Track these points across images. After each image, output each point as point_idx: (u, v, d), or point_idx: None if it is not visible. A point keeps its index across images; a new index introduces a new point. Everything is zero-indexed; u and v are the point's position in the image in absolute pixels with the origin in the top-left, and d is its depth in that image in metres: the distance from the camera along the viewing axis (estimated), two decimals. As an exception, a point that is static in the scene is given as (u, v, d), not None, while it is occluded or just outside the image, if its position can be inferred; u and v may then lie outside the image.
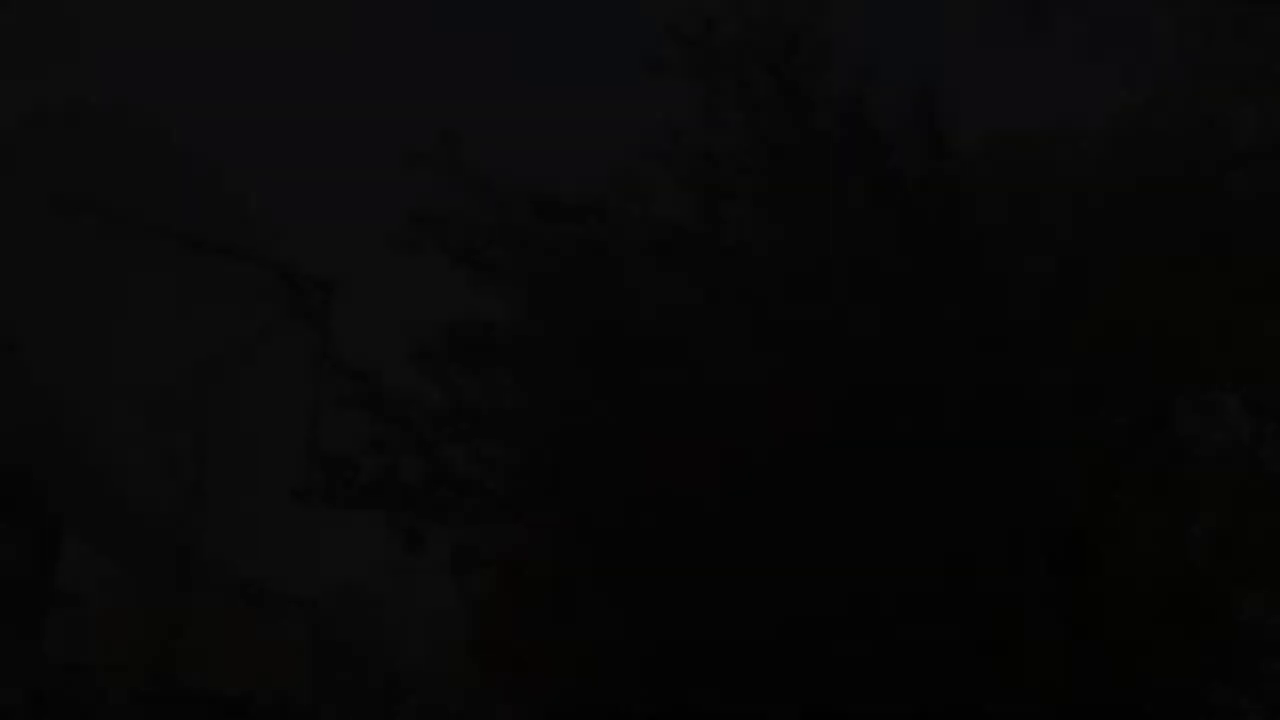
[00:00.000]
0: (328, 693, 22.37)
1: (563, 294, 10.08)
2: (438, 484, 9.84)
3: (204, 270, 30.93)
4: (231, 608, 17.83)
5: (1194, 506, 10.34)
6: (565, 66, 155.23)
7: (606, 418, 9.99)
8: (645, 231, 10.46)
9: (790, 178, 10.15)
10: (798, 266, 10.04)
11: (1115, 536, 11.22)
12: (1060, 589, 11.01)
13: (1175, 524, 12.17)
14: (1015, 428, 9.69)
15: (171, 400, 20.49)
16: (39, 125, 27.57)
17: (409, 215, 9.61)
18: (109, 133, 30.03)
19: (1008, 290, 10.09)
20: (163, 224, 29.01)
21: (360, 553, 32.26)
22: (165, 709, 16.31)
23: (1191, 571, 9.49)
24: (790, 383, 9.12)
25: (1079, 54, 10.20)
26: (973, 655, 10.02)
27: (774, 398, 8.84)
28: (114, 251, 28.90)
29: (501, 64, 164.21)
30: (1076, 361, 10.52)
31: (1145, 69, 10.17)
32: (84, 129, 29.07)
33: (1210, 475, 10.22)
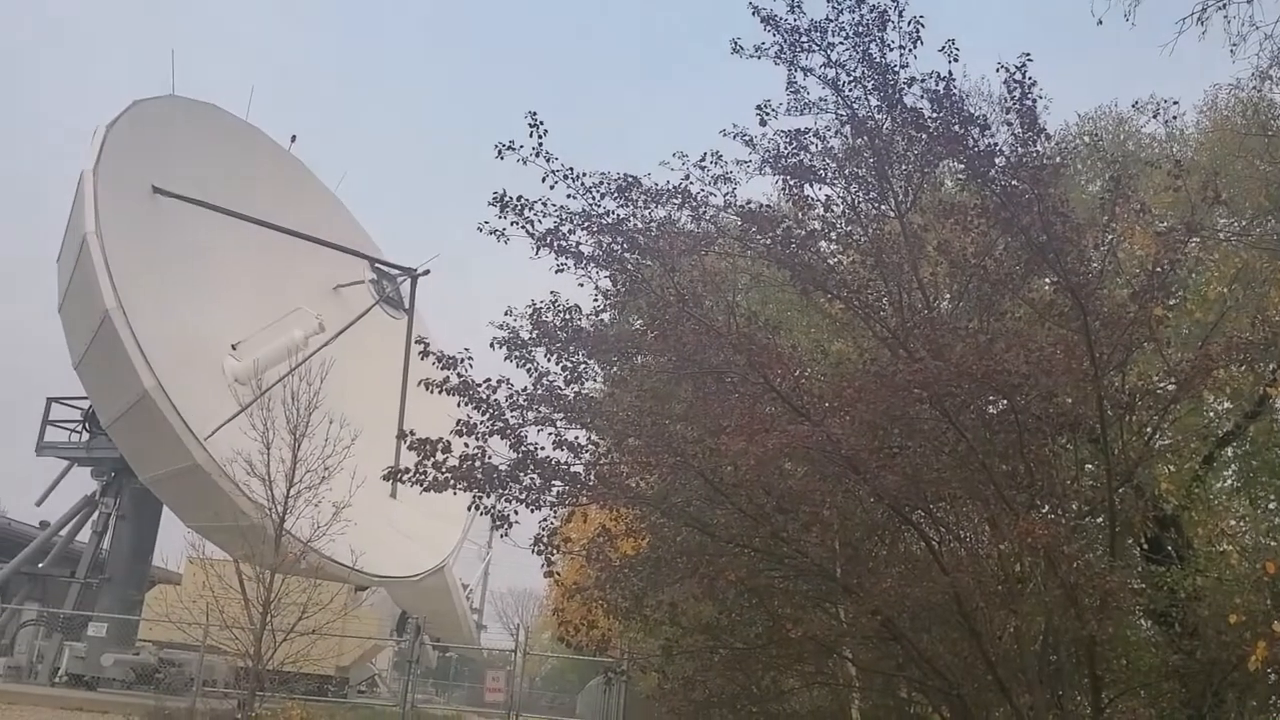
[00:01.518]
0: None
1: (646, 277, 10.08)
2: (525, 468, 9.92)
3: (295, 257, 31.50)
4: (321, 587, 18.10)
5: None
6: (650, 50, 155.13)
7: (690, 402, 9.99)
8: (730, 214, 10.44)
9: (880, 159, 10.03)
10: (888, 250, 9.90)
11: (1207, 524, 10.99)
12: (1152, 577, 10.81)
13: (1264, 512, 11.87)
14: (1110, 413, 9.47)
15: (261, 384, 20.89)
16: (142, 118, 28.31)
17: (494, 200, 9.66)
18: (206, 125, 30.67)
19: (1103, 275, 9.86)
20: (257, 213, 29.68)
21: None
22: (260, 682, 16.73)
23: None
24: (880, 364, 9.01)
25: (1177, 26, 9.90)
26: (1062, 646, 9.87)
27: (862, 381, 8.72)
28: (210, 238, 29.54)
29: (588, 48, 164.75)
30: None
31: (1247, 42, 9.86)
32: (183, 121, 29.75)
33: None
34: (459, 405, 10.42)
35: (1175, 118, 14.80)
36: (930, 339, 8.99)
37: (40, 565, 31.57)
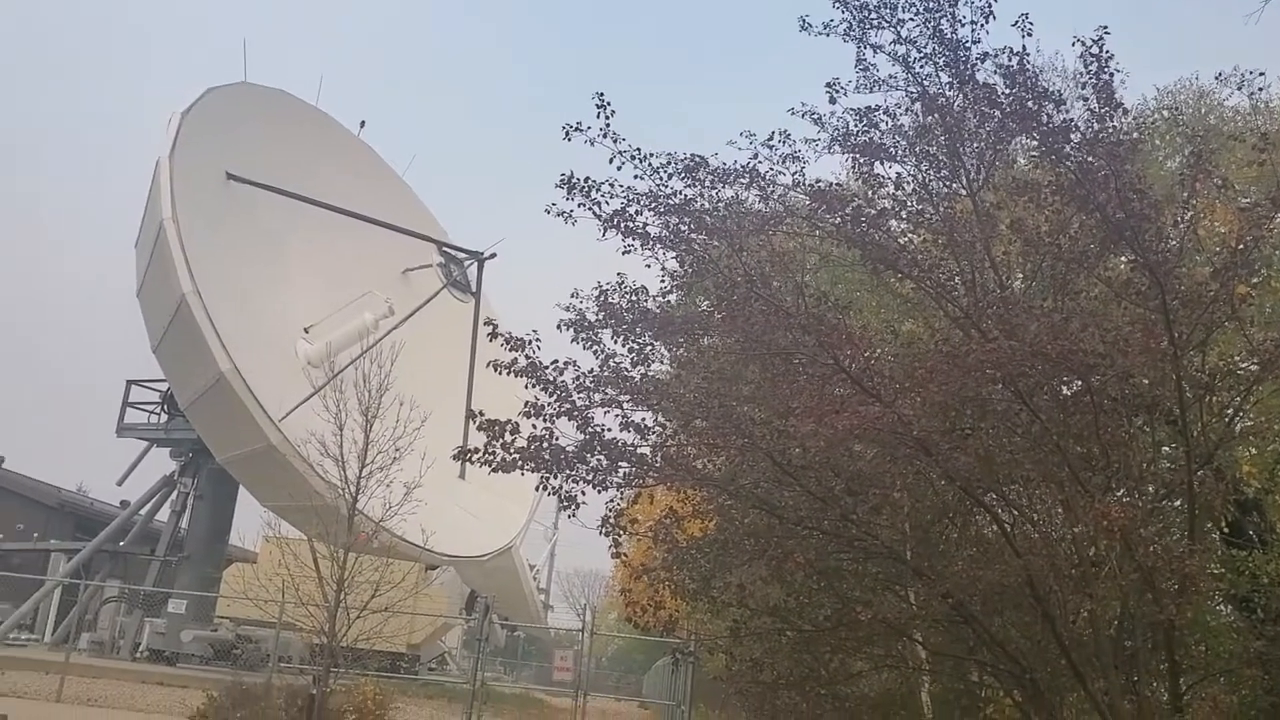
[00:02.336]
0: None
1: (714, 258, 10.04)
2: (591, 449, 9.95)
3: (365, 242, 31.90)
4: (392, 566, 18.36)
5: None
6: (714, 29, 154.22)
7: (758, 383, 9.96)
8: (799, 194, 10.36)
9: (951, 136, 9.88)
10: (960, 228, 9.75)
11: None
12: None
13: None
14: (1189, 394, 9.24)
15: (334, 367, 21.22)
16: (216, 105, 28.84)
17: (562, 182, 9.69)
18: (277, 111, 31.16)
19: (1182, 252, 9.62)
20: (327, 198, 30.11)
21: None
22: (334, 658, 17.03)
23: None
24: (952, 344, 8.89)
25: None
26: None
27: (933, 361, 8.61)
28: (281, 223, 30.04)
29: (651, 31, 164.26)
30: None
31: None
32: (255, 108, 30.25)
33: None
34: (526, 387, 10.48)
35: (1260, 90, 14.39)
36: (1003, 318, 8.85)
37: (121, 543, 32.51)
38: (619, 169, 9.82)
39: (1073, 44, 9.29)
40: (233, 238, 28.15)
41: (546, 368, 10.23)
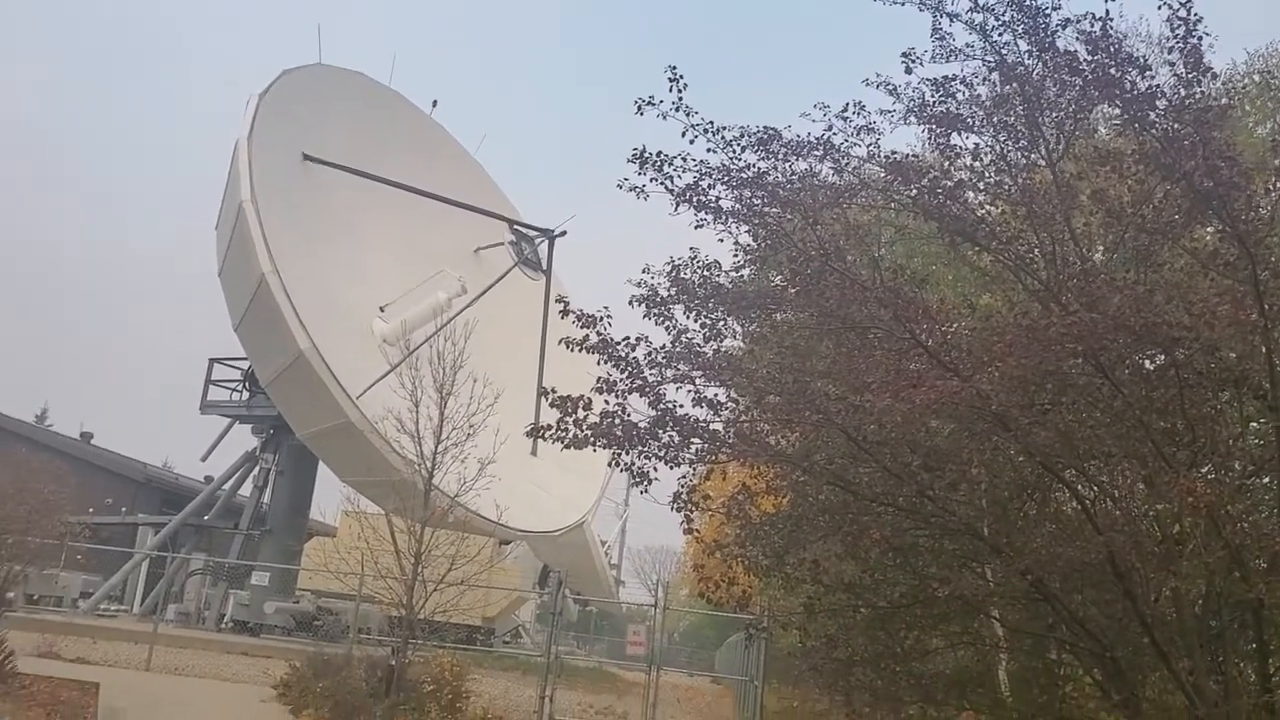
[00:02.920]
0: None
1: (788, 232, 9.95)
2: (664, 425, 9.95)
3: (437, 221, 32.22)
4: (467, 540, 18.61)
5: None
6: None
7: (832, 358, 9.86)
8: (874, 166, 10.22)
9: (1030, 106, 9.66)
10: (1039, 200, 9.55)
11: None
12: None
13: None
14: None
15: (409, 344, 21.51)
16: (292, 87, 29.30)
17: (634, 157, 9.67)
18: (351, 93, 31.57)
19: (1273, 221, 9.31)
20: (400, 178, 30.44)
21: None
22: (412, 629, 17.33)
23: None
24: (1031, 317, 8.72)
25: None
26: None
27: (1012, 335, 8.46)
28: (357, 203, 30.46)
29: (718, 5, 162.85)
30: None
31: None
32: (330, 90, 30.68)
33: None
34: (598, 363, 10.51)
35: (1355, 53, 13.86)
36: (1084, 291, 8.65)
37: (205, 517, 33.41)
38: (691, 143, 9.77)
39: (1159, 7, 9.01)
40: (309, 218, 28.65)
41: (618, 344, 10.23)
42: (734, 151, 9.85)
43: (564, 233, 32.49)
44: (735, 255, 10.89)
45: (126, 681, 17.40)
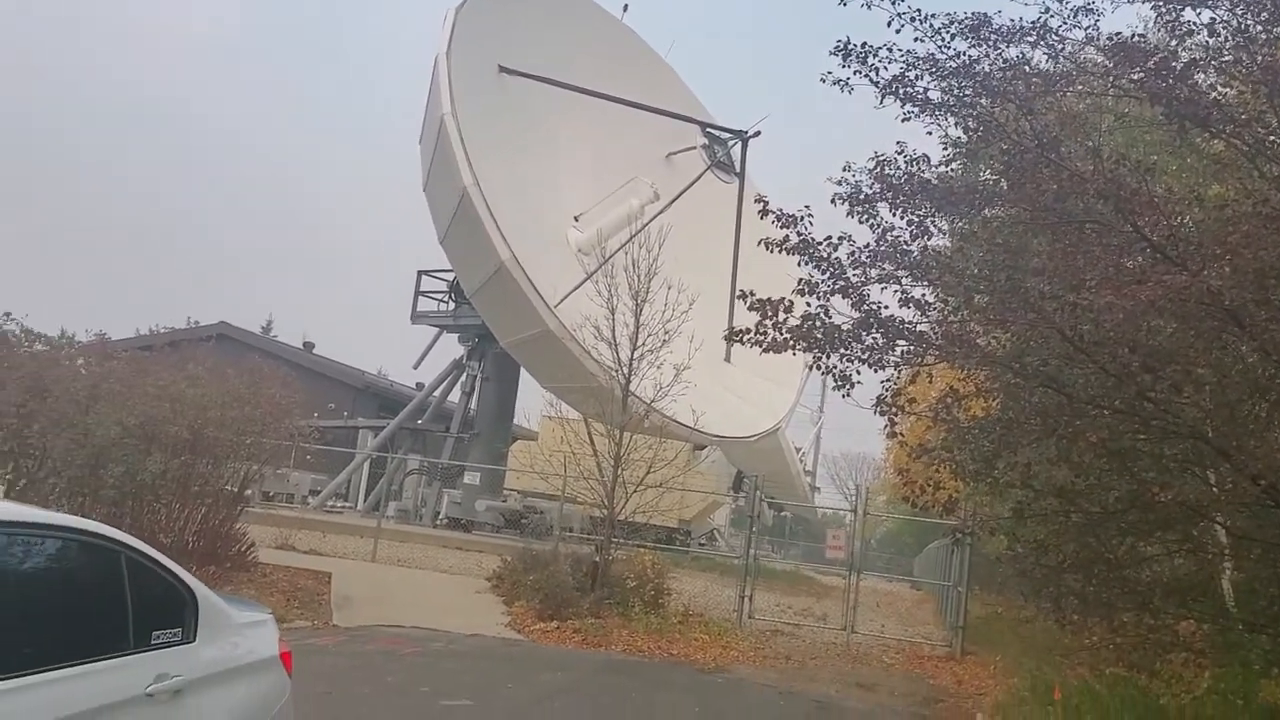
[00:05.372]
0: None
1: (999, 123, 9.47)
2: (868, 327, 9.77)
3: (630, 127, 32.22)
4: (664, 445, 18.96)
5: None
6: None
7: (1047, 255, 9.42)
8: (1093, 50, 9.58)
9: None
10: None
11: None
12: None
13: None
14: None
15: (604, 253, 21.78)
16: (486, 1, 29.69)
17: (837, 49, 9.35)
18: (542, 2, 31.71)
19: None
20: (592, 85, 30.54)
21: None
22: (613, 528, 17.88)
23: None
24: (1271, 206, 8.08)
25: None
26: None
27: (1249, 225, 7.86)
28: (550, 113, 30.78)
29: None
30: None
31: None
32: (522, 2, 30.90)
33: None
34: (799, 264, 10.38)
35: None
36: (1334, 176, 7.95)
37: (419, 421, 35.19)
38: (897, 32, 9.37)
39: None
40: (507, 130, 29.18)
41: (819, 244, 10.05)
42: (942, 40, 9.38)
43: (758, 133, 31.94)
44: (944, 149, 10.46)
45: (355, 571, 18.71)
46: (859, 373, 10.26)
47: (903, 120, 9.54)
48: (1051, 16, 9.40)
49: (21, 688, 3.70)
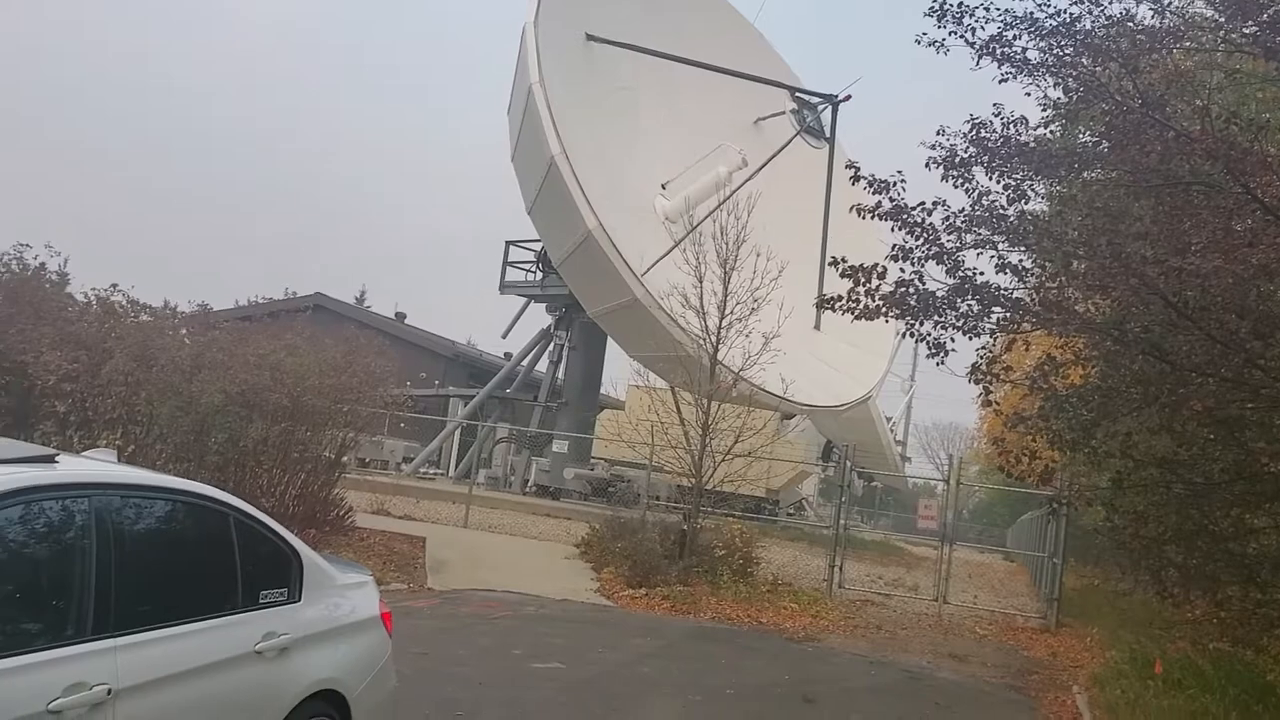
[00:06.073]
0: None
1: (1102, 83, 9.17)
2: (963, 293, 9.59)
3: (717, 93, 31.95)
4: (752, 414, 18.88)
5: None
6: None
7: (1150, 219, 9.13)
8: (1201, 3, 9.21)
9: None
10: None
11: None
12: None
13: None
14: None
15: (691, 220, 21.73)
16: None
17: (932, 10, 9.14)
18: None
19: None
20: (677, 51, 30.33)
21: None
22: (702, 498, 17.91)
23: None
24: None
25: None
26: None
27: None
28: (637, 80, 30.67)
29: None
30: None
31: None
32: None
33: None
34: (893, 230, 10.20)
35: None
36: None
37: (508, 390, 35.60)
38: (994, -9, 9.11)
39: None
40: (594, 98, 29.16)
41: (913, 209, 9.88)
42: (1041, -2, 9.12)
43: (848, 97, 31.43)
44: (1042, 111, 10.17)
45: (447, 536, 19.08)
46: (953, 340, 10.11)
47: (1000, 81, 9.31)
48: (1159, -31, 9.08)
49: (141, 643, 3.86)
